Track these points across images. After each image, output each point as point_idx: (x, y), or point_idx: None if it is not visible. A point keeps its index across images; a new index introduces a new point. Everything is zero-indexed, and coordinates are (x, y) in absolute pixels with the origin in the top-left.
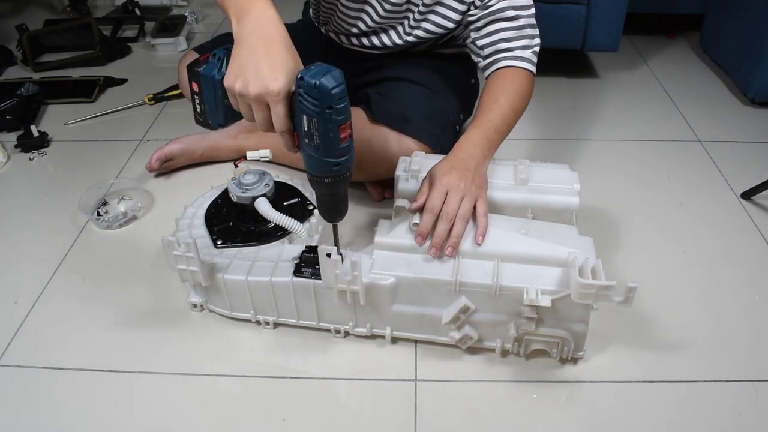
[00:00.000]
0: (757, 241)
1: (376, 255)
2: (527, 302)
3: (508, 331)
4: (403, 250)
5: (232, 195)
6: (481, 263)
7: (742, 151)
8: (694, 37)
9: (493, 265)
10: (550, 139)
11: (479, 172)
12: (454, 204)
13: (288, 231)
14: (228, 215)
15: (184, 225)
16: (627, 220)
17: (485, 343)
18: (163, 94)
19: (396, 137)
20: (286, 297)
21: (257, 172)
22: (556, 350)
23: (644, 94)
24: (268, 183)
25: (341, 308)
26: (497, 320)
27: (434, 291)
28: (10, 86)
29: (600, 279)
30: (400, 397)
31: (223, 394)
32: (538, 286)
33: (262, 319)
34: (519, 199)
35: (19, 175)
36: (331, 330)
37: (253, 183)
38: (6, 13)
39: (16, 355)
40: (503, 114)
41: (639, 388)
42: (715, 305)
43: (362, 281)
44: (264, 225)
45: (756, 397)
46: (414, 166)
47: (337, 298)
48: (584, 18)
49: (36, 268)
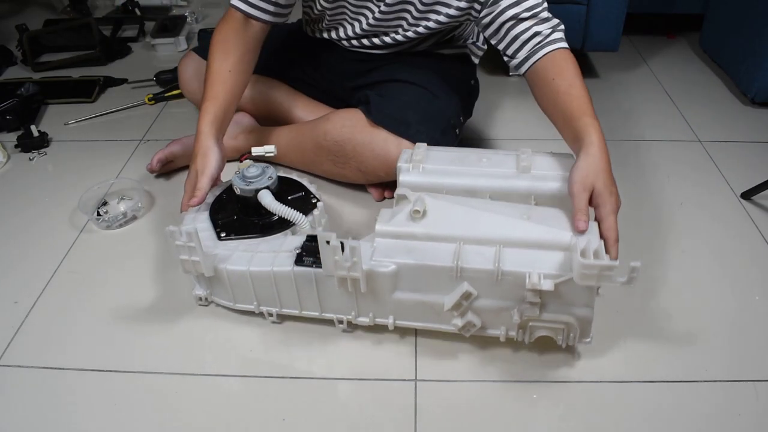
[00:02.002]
0: (757, 241)
1: (377, 242)
2: (530, 287)
3: (512, 318)
4: (404, 237)
5: (236, 188)
6: (482, 249)
7: (742, 151)
8: (694, 37)
9: (494, 251)
10: (550, 139)
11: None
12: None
13: (291, 223)
14: (232, 209)
15: (189, 219)
16: (627, 220)
17: (489, 330)
18: (163, 94)
19: (395, 141)
20: (288, 286)
21: (261, 166)
22: (562, 337)
23: (644, 94)
24: (271, 176)
25: (343, 297)
26: (500, 306)
27: (435, 278)
28: (10, 86)
29: (602, 260)
30: (400, 397)
31: (223, 393)
32: (541, 271)
33: (266, 311)
34: (522, 186)
35: (19, 175)
36: (334, 321)
37: (257, 176)
38: (6, 13)
39: (16, 355)
40: (589, 98)
41: (639, 388)
42: (714, 305)
43: (362, 268)
44: (268, 218)
45: (756, 397)
46: (416, 157)
47: (338, 286)
48: (584, 18)
49: (36, 268)
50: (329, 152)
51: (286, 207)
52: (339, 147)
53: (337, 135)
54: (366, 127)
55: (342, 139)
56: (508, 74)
